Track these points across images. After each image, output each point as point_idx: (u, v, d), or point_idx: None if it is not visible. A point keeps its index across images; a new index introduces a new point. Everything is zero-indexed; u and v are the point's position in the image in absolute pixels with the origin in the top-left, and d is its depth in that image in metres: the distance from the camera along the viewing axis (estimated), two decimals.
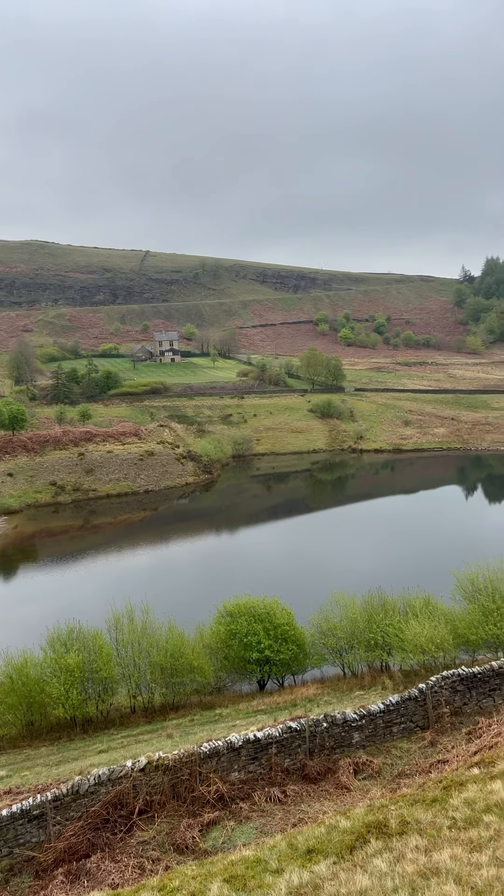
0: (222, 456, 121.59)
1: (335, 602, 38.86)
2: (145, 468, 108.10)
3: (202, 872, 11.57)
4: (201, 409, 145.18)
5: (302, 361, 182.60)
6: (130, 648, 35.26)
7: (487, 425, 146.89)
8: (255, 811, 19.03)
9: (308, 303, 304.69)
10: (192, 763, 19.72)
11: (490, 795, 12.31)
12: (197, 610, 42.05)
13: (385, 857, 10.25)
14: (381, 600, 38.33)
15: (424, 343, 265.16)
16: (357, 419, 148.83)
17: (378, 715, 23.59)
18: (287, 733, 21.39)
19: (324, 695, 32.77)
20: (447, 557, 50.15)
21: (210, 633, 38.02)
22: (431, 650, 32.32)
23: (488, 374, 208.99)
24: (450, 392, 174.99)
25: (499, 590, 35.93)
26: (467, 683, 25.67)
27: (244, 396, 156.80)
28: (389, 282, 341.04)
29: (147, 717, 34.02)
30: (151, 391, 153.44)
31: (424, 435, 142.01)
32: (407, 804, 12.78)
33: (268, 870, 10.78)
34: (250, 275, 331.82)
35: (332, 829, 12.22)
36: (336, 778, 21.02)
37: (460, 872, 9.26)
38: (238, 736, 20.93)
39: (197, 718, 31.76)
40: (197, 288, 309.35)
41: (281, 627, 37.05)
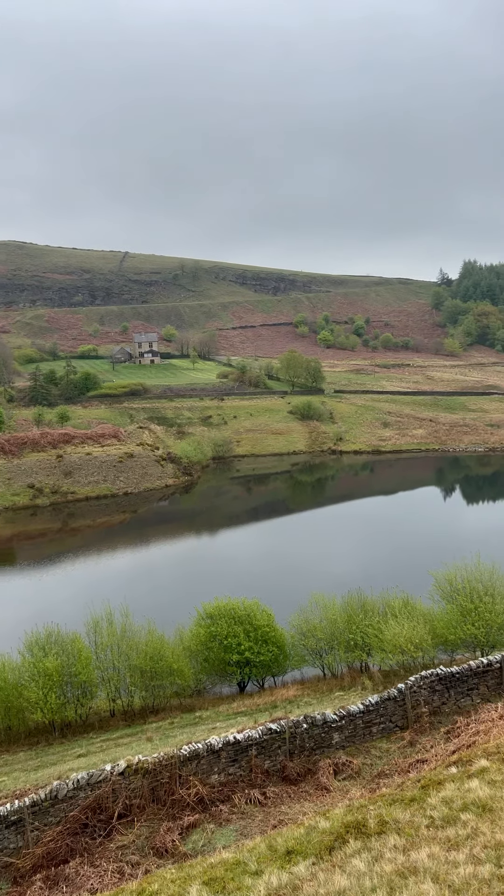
0: (202, 458, 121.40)
1: (315, 603, 38.95)
2: (124, 470, 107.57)
3: (181, 875, 11.54)
4: (181, 410, 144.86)
5: (282, 363, 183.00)
6: (110, 651, 35.04)
7: (465, 427, 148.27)
8: (235, 813, 19.01)
9: (288, 305, 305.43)
10: (171, 766, 19.65)
11: (467, 794, 12.42)
12: (177, 612, 41.94)
13: (364, 857, 10.29)
14: (361, 601, 38.50)
15: (403, 345, 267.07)
16: (336, 421, 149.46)
17: (358, 715, 23.69)
18: (267, 735, 21.39)
19: (304, 696, 32.83)
20: (426, 558, 50.52)
21: (190, 636, 37.92)
22: (410, 650, 32.52)
23: (466, 375, 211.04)
24: (428, 394, 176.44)
25: (476, 590, 36.25)
26: (446, 683, 25.87)
27: (224, 398, 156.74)
28: (368, 284, 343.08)
29: (127, 721, 33.83)
30: (131, 393, 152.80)
31: (403, 436, 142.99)
32: (386, 804, 12.86)
33: (247, 872, 10.78)
34: (230, 276, 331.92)
35: (311, 829, 12.25)
36: (316, 779, 21.07)
37: (437, 871, 9.33)
38: (218, 738, 20.90)
39: (177, 721, 31.66)
40: (176, 289, 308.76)
41: (261, 629, 37.06)
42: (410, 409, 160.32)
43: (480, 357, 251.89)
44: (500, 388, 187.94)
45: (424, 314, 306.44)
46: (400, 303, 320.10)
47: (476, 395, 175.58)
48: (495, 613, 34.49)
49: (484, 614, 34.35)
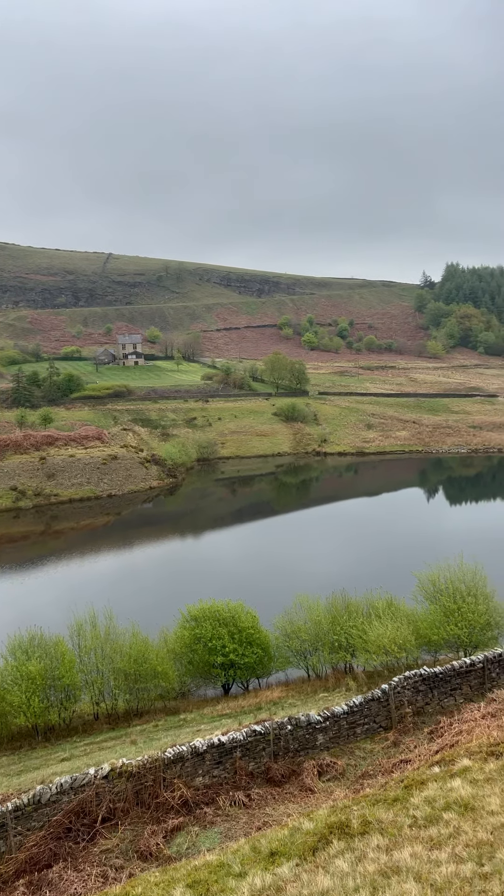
0: (187, 460, 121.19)
1: (299, 604, 39.00)
2: (108, 472, 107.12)
3: (165, 879, 11.52)
4: (165, 412, 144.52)
5: (266, 365, 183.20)
6: (93, 655, 34.89)
7: (448, 428, 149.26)
8: (220, 816, 19.00)
9: (272, 307, 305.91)
10: (156, 769, 19.60)
11: (450, 793, 12.51)
12: (161, 615, 41.83)
13: (347, 858, 10.34)
14: (345, 602, 38.61)
15: (387, 347, 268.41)
16: (321, 423, 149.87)
17: (342, 716, 23.77)
18: (251, 737, 21.41)
19: (288, 697, 32.87)
20: (409, 558, 50.78)
21: (174, 638, 37.84)
22: (394, 651, 32.67)
23: (448, 378, 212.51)
24: (411, 396, 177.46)
25: (459, 590, 36.51)
26: (429, 683, 26.03)
27: (209, 400, 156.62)
28: (352, 287, 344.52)
29: (111, 724, 33.69)
30: (115, 395, 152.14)
31: (387, 438, 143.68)
32: (369, 804, 12.92)
33: (231, 874, 10.78)
34: (214, 278, 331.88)
35: (295, 831, 12.28)
36: (300, 780, 21.12)
37: (420, 870, 9.39)
38: (202, 741, 20.88)
39: (161, 724, 31.57)
40: (160, 291, 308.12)
41: (245, 631, 37.06)
42: (394, 410, 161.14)
43: (463, 359, 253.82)
44: (483, 390, 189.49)
45: (407, 317, 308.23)
46: (383, 305, 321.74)
47: (459, 397, 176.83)
48: (478, 614, 34.76)
49: (467, 615, 34.61)
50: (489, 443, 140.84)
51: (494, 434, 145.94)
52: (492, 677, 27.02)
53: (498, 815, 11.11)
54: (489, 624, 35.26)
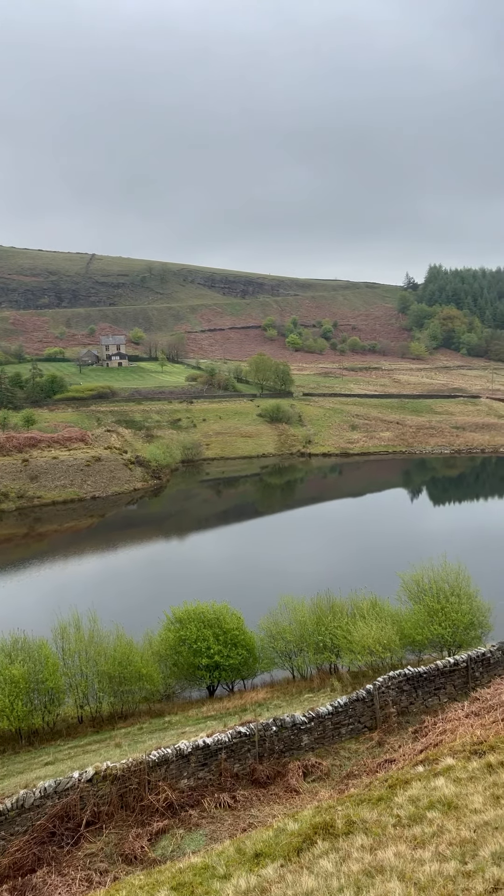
0: (171, 461, 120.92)
1: (284, 605, 39.04)
2: (92, 474, 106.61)
3: (150, 882, 11.48)
4: (150, 413, 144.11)
5: (251, 366, 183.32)
6: (77, 657, 34.69)
7: (431, 429, 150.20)
8: (205, 818, 18.97)
9: (256, 308, 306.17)
10: (140, 772, 19.53)
11: (433, 792, 12.58)
12: (146, 617, 41.68)
13: (331, 858, 10.36)
14: (330, 602, 38.71)
15: (370, 349, 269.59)
16: (305, 423, 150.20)
17: (327, 717, 23.83)
18: (236, 738, 21.40)
19: (273, 699, 32.88)
20: (394, 559, 51.02)
21: (159, 640, 37.73)
22: (379, 651, 32.80)
23: (432, 379, 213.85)
24: (395, 397, 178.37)
25: (443, 590, 36.76)
26: (413, 683, 26.17)
27: (193, 401, 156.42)
28: (336, 288, 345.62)
29: (95, 727, 33.51)
30: (98, 396, 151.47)
31: (371, 439, 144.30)
32: (353, 804, 12.96)
33: (215, 876, 10.77)
34: (198, 279, 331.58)
35: (279, 832, 12.29)
36: (285, 781, 21.14)
37: (404, 869, 9.44)
38: (187, 743, 20.84)
39: (146, 727, 31.45)
40: (144, 292, 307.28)
41: (230, 632, 37.01)
42: (378, 411, 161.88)
43: (446, 360, 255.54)
44: (466, 391, 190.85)
45: (391, 318, 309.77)
46: (367, 307, 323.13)
47: (442, 398, 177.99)
48: (461, 613, 35.00)
49: (450, 614, 34.84)
50: (472, 443, 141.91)
51: (477, 434, 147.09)
52: (475, 676, 27.23)
53: (481, 814, 11.19)
54: (473, 623, 35.52)
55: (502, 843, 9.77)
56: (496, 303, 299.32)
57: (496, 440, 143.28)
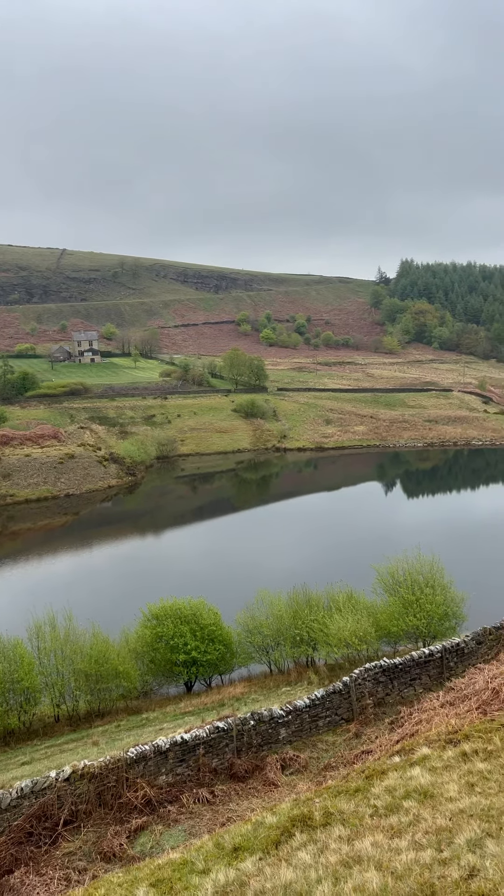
0: (146, 457, 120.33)
1: (261, 600, 39.16)
2: (66, 472, 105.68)
3: (128, 879, 11.46)
4: (123, 410, 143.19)
5: (225, 362, 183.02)
6: (53, 656, 34.45)
7: (404, 423, 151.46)
8: (184, 813, 18.98)
9: (230, 303, 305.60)
10: (118, 769, 19.46)
11: (409, 782, 12.73)
12: (122, 614, 41.49)
13: (309, 850, 10.44)
14: (306, 596, 38.91)
15: (344, 343, 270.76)
16: (280, 418, 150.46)
17: (304, 710, 23.96)
18: (215, 734, 21.42)
19: (251, 693, 32.98)
20: (369, 551, 51.42)
21: (136, 638, 37.62)
22: (355, 643, 33.06)
23: (404, 373, 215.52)
24: (368, 391, 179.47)
25: (417, 582, 37.15)
26: (389, 674, 26.42)
27: (167, 397, 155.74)
28: (309, 283, 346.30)
29: (72, 726, 33.32)
30: (71, 392, 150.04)
31: (345, 433, 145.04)
32: (331, 796, 13.05)
33: (194, 871, 10.79)
34: (171, 274, 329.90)
35: (258, 825, 12.34)
36: (264, 775, 21.22)
37: (381, 859, 9.54)
38: (165, 739, 20.81)
39: (123, 724, 31.35)
40: (116, 287, 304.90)
41: (208, 628, 37.05)
42: (352, 406, 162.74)
43: (418, 354, 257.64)
44: (438, 384, 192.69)
45: (364, 312, 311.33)
46: (340, 301, 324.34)
47: (415, 392, 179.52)
48: (436, 605, 35.41)
49: (425, 606, 35.23)
50: (444, 436, 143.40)
51: (449, 427, 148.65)
52: (450, 667, 27.57)
53: (456, 802, 11.35)
54: (447, 614, 35.97)
55: (477, 830, 9.92)
56: (467, 297, 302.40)
57: (468, 433, 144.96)
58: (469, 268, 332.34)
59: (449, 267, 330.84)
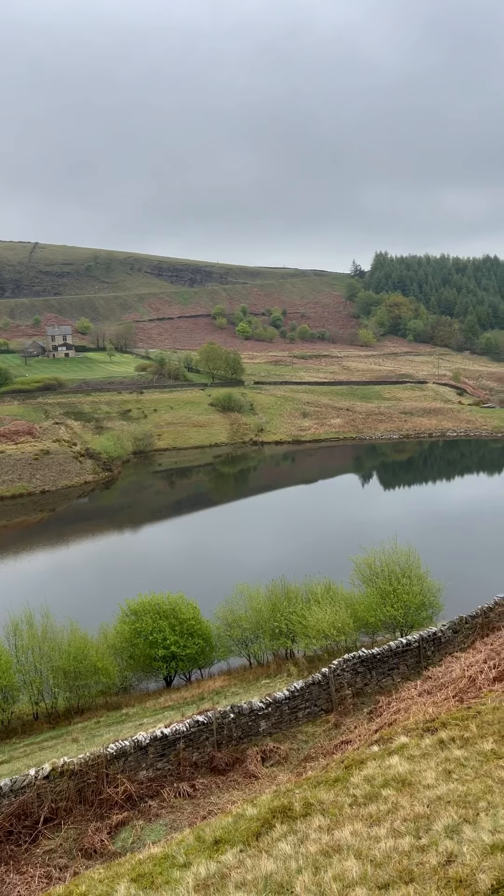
0: (122, 452, 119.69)
1: (240, 593, 39.24)
2: (41, 468, 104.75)
3: (109, 875, 11.45)
4: (99, 405, 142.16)
5: (201, 355, 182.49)
6: (31, 654, 34.24)
7: (380, 415, 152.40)
8: (165, 808, 19.00)
9: (205, 296, 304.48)
10: (98, 765, 19.42)
11: (388, 770, 12.87)
12: (101, 611, 41.33)
13: (290, 840, 10.51)
14: (285, 589, 39.07)
15: (319, 336, 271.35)
16: (257, 412, 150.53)
17: (284, 702, 24.09)
18: (195, 727, 21.46)
19: (231, 686, 33.08)
20: (346, 543, 51.73)
21: (114, 633, 37.51)
22: (333, 635, 33.29)
23: (380, 365, 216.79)
24: (344, 384, 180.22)
25: (394, 572, 37.48)
26: (368, 664, 26.66)
27: (143, 391, 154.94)
28: (284, 276, 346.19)
29: (51, 723, 33.15)
30: (45, 388, 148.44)
31: (322, 426, 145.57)
32: (311, 786, 13.16)
33: (175, 865, 10.81)
34: (145, 268, 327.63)
35: (238, 817, 12.40)
36: (244, 767, 21.32)
37: (360, 847, 9.64)
38: (145, 734, 20.80)
39: (103, 720, 31.28)
40: (90, 281, 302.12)
41: (187, 622, 37.06)
42: (328, 398, 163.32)
43: (393, 347, 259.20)
44: (413, 376, 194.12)
45: (339, 306, 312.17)
46: (315, 294, 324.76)
47: (390, 384, 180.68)
48: (412, 594, 35.76)
49: (402, 596, 35.56)
50: (419, 428, 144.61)
51: (424, 419, 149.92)
52: (427, 656, 27.89)
53: (433, 789, 11.50)
54: (424, 604, 36.35)
55: (454, 816, 10.07)
56: (441, 289, 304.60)
57: (443, 424, 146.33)
58: (442, 260, 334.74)
59: (423, 260, 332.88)
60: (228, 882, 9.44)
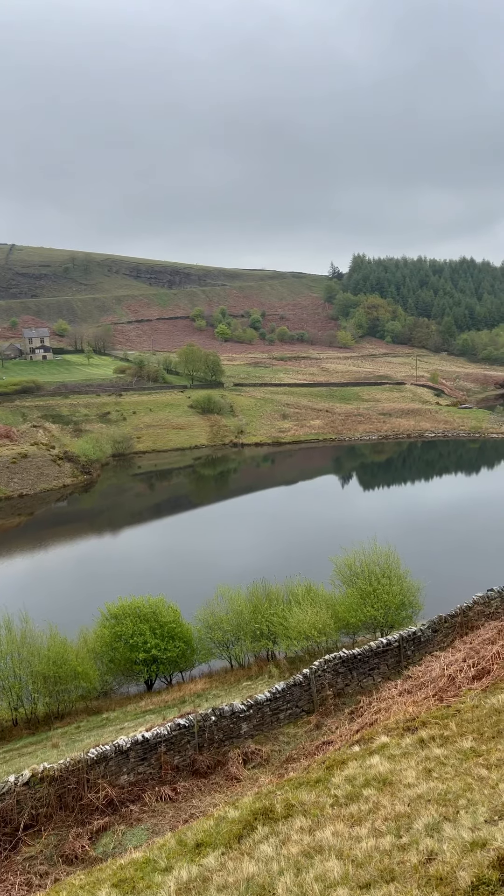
0: (101, 455, 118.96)
1: (221, 595, 39.20)
2: (18, 471, 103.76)
3: (90, 880, 11.37)
4: (77, 407, 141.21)
5: (180, 357, 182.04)
6: (10, 659, 33.88)
7: (359, 416, 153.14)
8: (146, 812, 18.92)
9: (184, 298, 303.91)
10: (79, 771, 19.28)
11: (369, 770, 12.93)
12: (81, 615, 41.04)
13: (271, 842, 10.52)
14: (266, 590, 39.10)
15: (298, 338, 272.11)
16: (237, 414, 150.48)
17: (265, 703, 24.10)
18: (176, 731, 21.39)
19: (212, 689, 33.02)
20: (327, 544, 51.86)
21: (94, 637, 37.26)
22: (314, 635, 33.37)
23: (358, 367, 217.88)
24: (323, 385, 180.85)
25: (374, 573, 37.66)
26: (348, 665, 26.77)
27: (122, 394, 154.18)
28: (263, 278, 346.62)
29: (31, 729, 32.83)
30: (23, 391, 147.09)
31: (301, 427, 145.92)
32: (292, 787, 13.18)
33: (157, 869, 10.77)
34: (123, 270, 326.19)
35: (220, 820, 12.38)
36: (226, 769, 21.29)
37: (342, 847, 9.67)
38: (126, 738, 20.69)
39: (84, 725, 31.05)
40: (68, 283, 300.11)
41: (167, 625, 36.92)
42: (308, 400, 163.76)
43: (372, 348, 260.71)
44: (391, 377, 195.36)
45: (318, 307, 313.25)
46: (294, 296, 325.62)
47: (369, 386, 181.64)
48: (392, 594, 35.97)
49: (382, 596, 35.75)
50: (398, 429, 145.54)
51: (403, 420, 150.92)
52: (407, 655, 28.06)
53: (414, 787, 11.58)
54: (403, 604, 36.57)
55: (435, 814, 10.14)
56: (418, 291, 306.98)
57: (421, 425, 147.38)
58: (420, 262, 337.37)
59: (400, 262, 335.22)
60: (210, 885, 9.42)
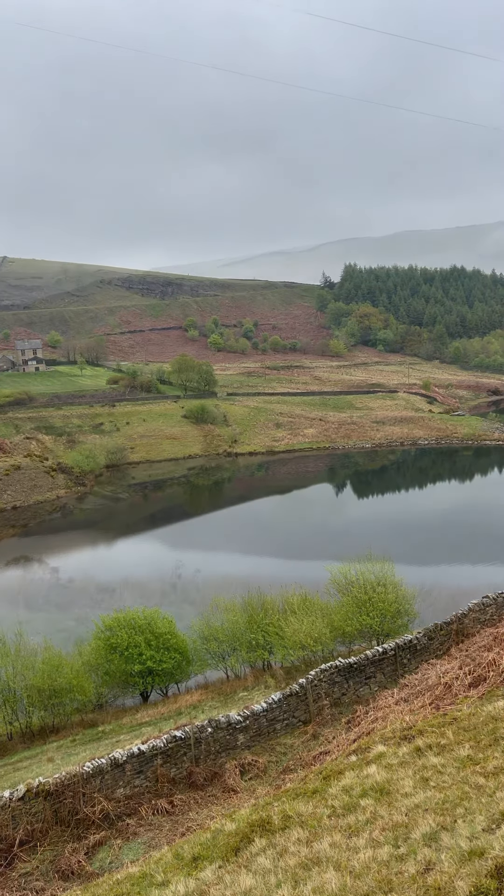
0: (95, 466, 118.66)
1: (216, 606, 39.10)
2: (12, 483, 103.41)
3: None
4: (70, 418, 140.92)
5: (174, 367, 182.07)
6: (4, 673, 33.66)
7: (352, 424, 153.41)
8: (143, 826, 18.77)
9: (176, 309, 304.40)
10: (74, 785, 19.13)
11: (366, 780, 12.87)
12: (76, 627, 40.85)
13: (269, 854, 10.45)
14: (261, 601, 39.00)
15: (291, 347, 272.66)
16: (231, 423, 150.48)
17: (261, 714, 24.00)
18: (172, 743, 21.26)
19: (208, 700, 32.85)
20: (322, 553, 51.87)
21: (90, 650, 37.07)
22: (310, 645, 33.28)
23: (351, 375, 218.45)
24: (317, 394, 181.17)
25: (370, 581, 37.64)
26: (345, 674, 26.69)
27: (115, 404, 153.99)
28: (255, 288, 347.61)
29: (26, 743, 32.58)
30: (15, 402, 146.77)
31: (295, 436, 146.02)
32: (289, 798, 13.11)
33: (154, 884, 10.68)
34: (115, 281, 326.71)
35: (217, 833, 12.30)
36: (223, 781, 21.16)
37: (339, 858, 9.62)
38: (122, 751, 20.55)
39: (79, 738, 30.83)
40: (60, 295, 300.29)
41: (162, 637, 36.77)
42: (301, 409, 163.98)
43: (364, 357, 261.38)
44: (384, 386, 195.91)
45: (310, 317, 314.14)
46: (286, 306, 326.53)
47: (361, 394, 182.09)
48: (388, 603, 35.94)
49: (378, 604, 35.72)
50: (391, 437, 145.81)
51: (396, 428, 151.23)
52: (403, 663, 28.02)
53: (411, 797, 11.54)
54: (399, 612, 36.54)
55: (432, 824, 10.10)
56: (409, 300, 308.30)
57: (414, 433, 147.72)
58: (410, 271, 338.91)
59: (391, 270, 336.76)
60: None
